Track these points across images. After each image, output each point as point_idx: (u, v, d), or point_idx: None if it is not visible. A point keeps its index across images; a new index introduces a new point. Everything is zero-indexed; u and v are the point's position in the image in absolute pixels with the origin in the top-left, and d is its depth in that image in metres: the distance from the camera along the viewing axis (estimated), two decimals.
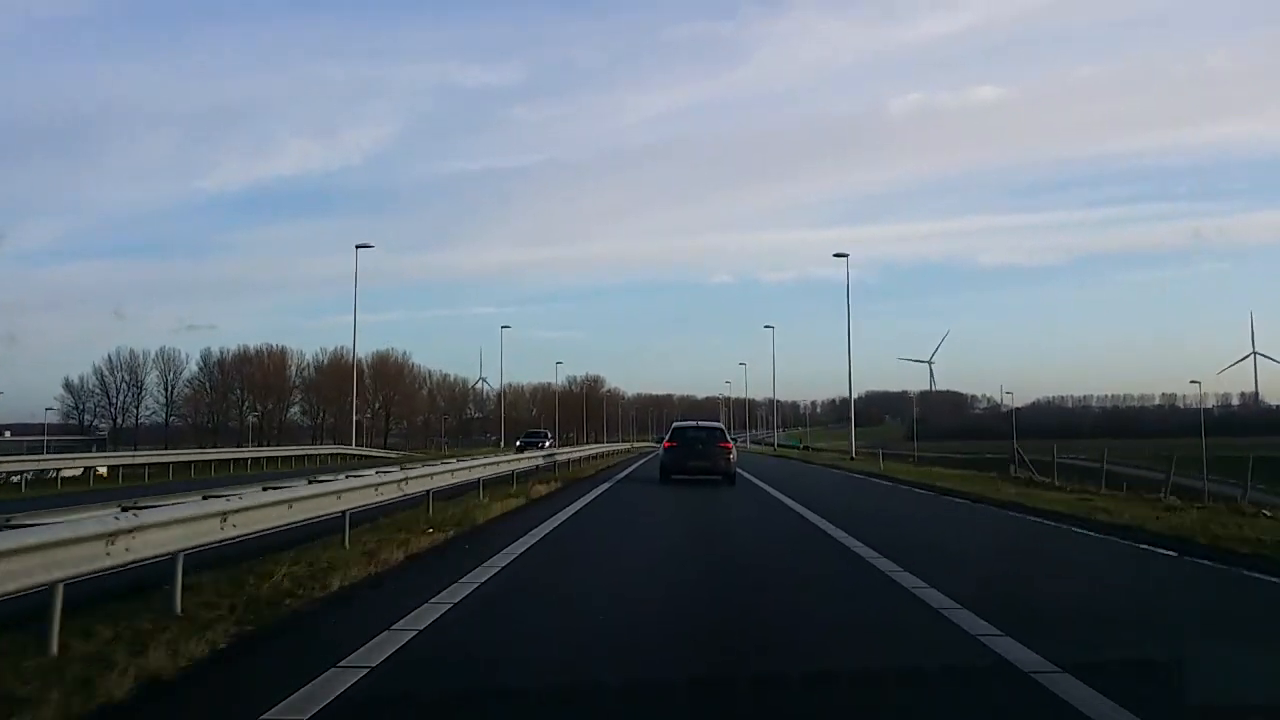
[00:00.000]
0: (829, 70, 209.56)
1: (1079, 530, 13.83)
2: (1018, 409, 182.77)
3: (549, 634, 6.48)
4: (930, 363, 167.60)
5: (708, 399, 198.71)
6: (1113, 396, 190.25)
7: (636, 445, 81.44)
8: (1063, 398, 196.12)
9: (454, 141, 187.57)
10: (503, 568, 9.07)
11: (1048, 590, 8.54)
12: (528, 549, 10.63)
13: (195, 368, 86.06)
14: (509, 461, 21.43)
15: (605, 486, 22.95)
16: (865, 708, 4.89)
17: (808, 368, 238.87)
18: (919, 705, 4.94)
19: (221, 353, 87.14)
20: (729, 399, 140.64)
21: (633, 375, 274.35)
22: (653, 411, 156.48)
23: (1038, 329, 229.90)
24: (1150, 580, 9.68)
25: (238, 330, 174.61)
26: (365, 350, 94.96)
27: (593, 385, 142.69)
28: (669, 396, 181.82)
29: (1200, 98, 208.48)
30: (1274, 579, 9.16)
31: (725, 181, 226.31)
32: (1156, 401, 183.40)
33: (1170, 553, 11.15)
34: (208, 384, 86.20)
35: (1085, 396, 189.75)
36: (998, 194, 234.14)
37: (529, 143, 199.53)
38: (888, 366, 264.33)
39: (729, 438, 24.52)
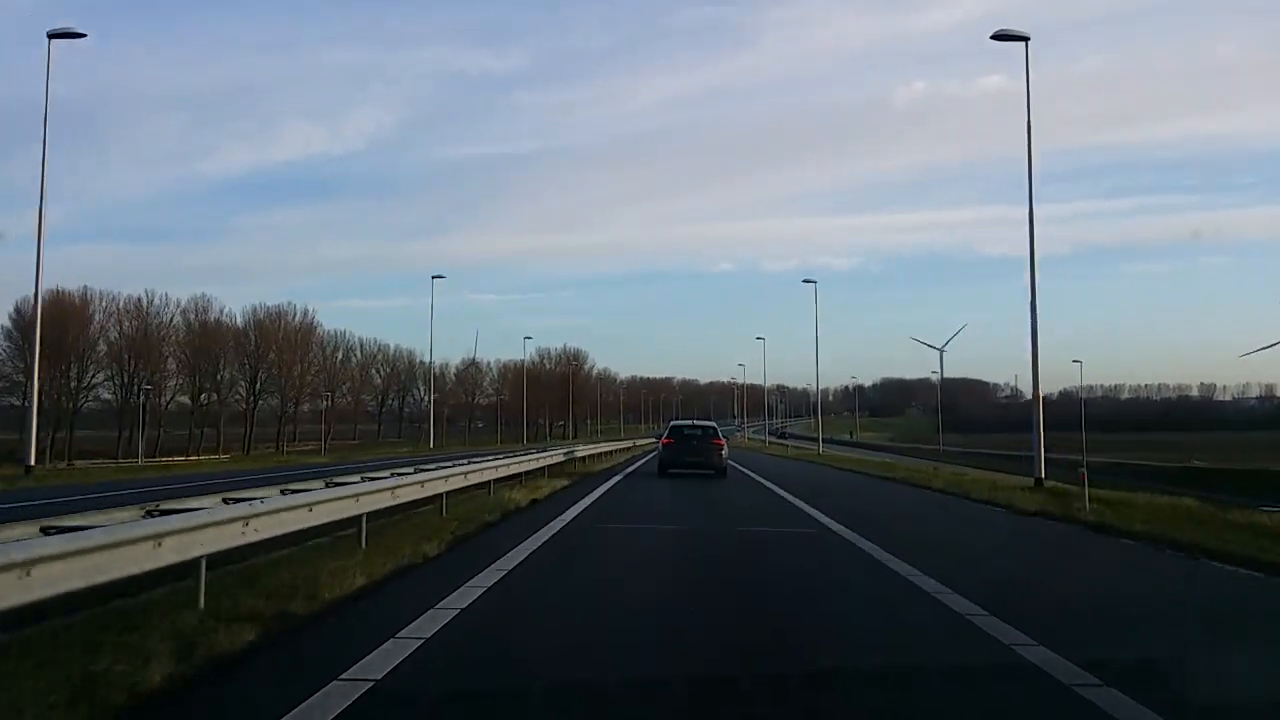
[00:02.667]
0: (834, 58, 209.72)
1: None
2: (1047, 398, 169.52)
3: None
4: (942, 350, 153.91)
5: (711, 384, 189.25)
6: (1145, 386, 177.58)
7: (639, 443, 57.41)
8: (1090, 387, 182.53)
9: (456, 127, 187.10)
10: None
11: None
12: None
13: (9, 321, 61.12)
14: None
15: None
16: None
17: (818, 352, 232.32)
18: None
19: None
20: (739, 385, 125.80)
21: (634, 363, 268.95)
22: (648, 396, 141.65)
23: (1043, 319, 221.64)
24: None
25: None
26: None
27: (573, 361, 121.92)
28: (668, 380, 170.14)
29: (1207, 90, 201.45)
30: None
31: (728, 169, 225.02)
32: (1194, 392, 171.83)
33: None
34: (11, 346, 61.66)
35: (1115, 386, 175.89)
36: (1002, 184, 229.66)
37: (531, 129, 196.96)
38: (897, 354, 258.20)
39: (721, 435, 26.18)
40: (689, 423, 28.21)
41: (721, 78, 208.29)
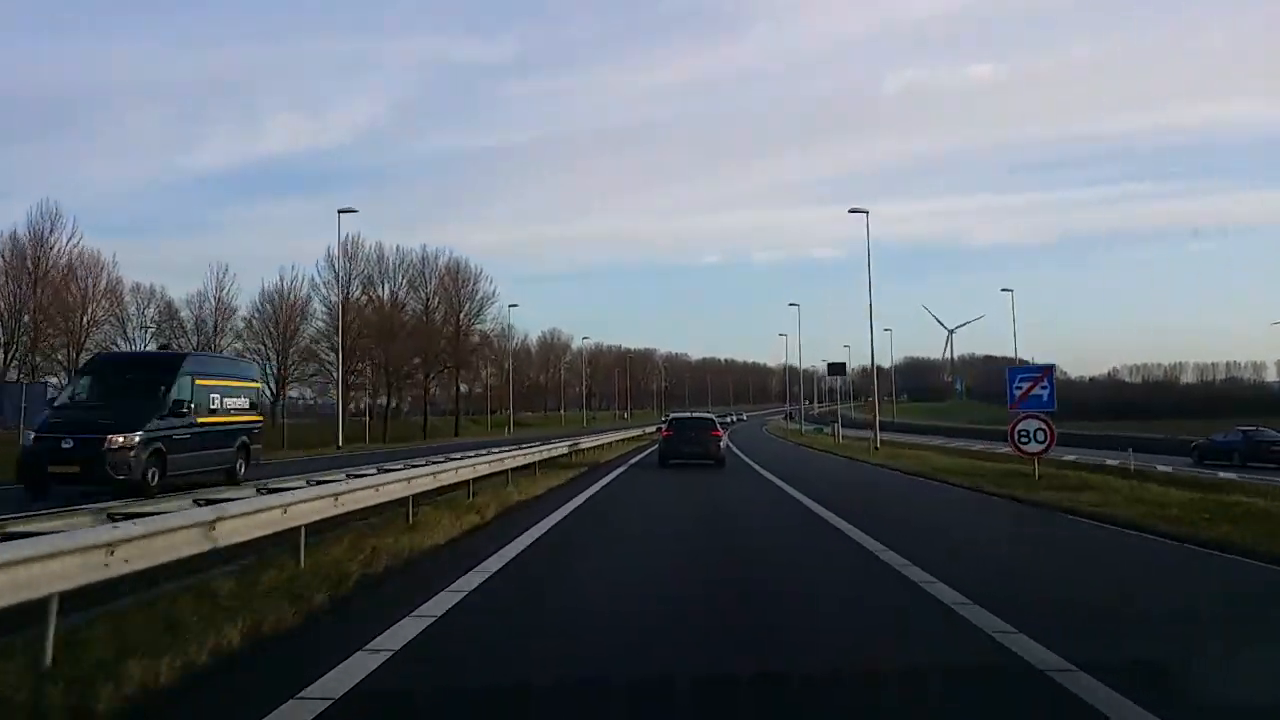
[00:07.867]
0: (825, 47, 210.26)
1: None
2: (1092, 379, 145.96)
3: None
4: (951, 331, 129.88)
5: (705, 360, 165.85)
6: (1207, 365, 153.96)
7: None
8: (1146, 365, 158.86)
9: (445, 118, 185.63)
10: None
11: None
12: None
13: None
14: None
15: None
16: None
17: (826, 334, 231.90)
18: None
19: None
20: (765, 366, 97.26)
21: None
22: (616, 371, 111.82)
23: (1038, 306, 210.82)
24: None
25: None
26: None
27: (457, 280, 66.62)
28: (651, 352, 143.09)
29: (1195, 77, 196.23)
30: None
31: (718, 160, 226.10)
32: (1270, 371, 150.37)
33: None
34: None
35: (1175, 365, 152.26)
36: (991, 173, 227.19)
37: (521, 120, 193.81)
38: (900, 338, 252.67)
39: (718, 426, 27.39)
40: (688, 415, 31.75)
41: (713, 67, 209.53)
